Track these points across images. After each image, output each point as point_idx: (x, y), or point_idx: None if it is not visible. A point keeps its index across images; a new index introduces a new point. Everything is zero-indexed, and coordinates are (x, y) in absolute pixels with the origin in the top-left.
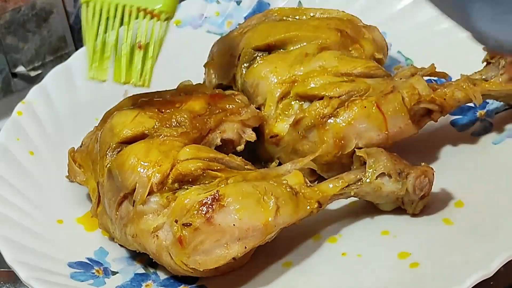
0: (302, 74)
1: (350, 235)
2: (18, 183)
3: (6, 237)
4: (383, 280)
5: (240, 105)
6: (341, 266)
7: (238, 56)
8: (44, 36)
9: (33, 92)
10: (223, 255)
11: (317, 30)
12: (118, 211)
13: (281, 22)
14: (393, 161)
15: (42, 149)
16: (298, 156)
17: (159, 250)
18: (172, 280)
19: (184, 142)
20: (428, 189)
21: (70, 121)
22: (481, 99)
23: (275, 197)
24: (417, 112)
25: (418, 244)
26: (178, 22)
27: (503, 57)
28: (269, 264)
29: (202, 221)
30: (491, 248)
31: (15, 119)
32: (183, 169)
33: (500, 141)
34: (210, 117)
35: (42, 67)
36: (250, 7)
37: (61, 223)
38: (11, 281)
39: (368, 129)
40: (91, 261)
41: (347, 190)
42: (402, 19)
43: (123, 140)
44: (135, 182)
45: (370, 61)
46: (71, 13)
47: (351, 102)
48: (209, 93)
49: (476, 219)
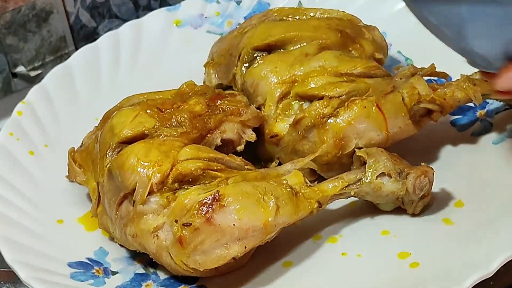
0: (302, 74)
1: (350, 235)
2: (18, 183)
3: (6, 237)
4: (383, 280)
5: (240, 106)
6: (341, 266)
7: (238, 56)
8: (44, 36)
9: (33, 92)
10: (223, 255)
11: (317, 30)
12: (118, 211)
13: (281, 22)
14: (393, 161)
15: (42, 149)
16: (298, 156)
17: (159, 250)
18: (172, 280)
19: (184, 142)
20: (428, 189)
21: (70, 121)
22: (481, 99)
23: (275, 197)
24: (417, 112)
25: (418, 244)
26: (178, 22)
27: None
28: (269, 264)
29: (202, 221)
30: (491, 248)
31: (15, 119)
32: (183, 169)
33: (500, 141)
34: (210, 117)
35: (42, 67)
36: (250, 7)
37: (61, 223)
38: (11, 281)
39: (368, 129)
40: (91, 261)
41: (347, 190)
42: (402, 19)
43: (123, 140)
44: (135, 182)
45: (370, 61)
46: (71, 13)
47: (351, 102)
48: (209, 93)
49: (476, 219)
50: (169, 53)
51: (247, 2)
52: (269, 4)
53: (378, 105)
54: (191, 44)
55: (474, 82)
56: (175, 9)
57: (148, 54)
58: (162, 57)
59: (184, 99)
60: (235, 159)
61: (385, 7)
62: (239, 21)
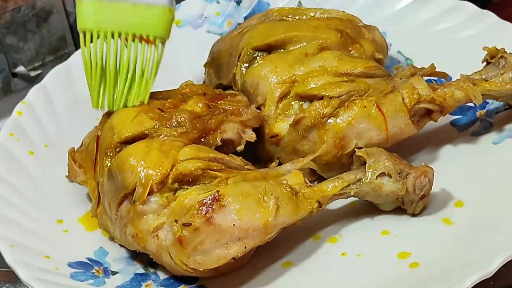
0: (302, 74)
1: (350, 235)
2: (18, 183)
3: (6, 237)
4: (383, 280)
5: (240, 105)
6: (341, 266)
7: (238, 56)
8: (44, 36)
9: (33, 92)
10: (223, 255)
11: (317, 30)
12: (118, 211)
13: (281, 22)
14: (393, 161)
15: (42, 149)
16: (298, 156)
17: (159, 250)
18: (172, 280)
19: (184, 142)
20: (428, 189)
21: (70, 121)
22: (481, 99)
23: (275, 197)
24: (417, 112)
25: (418, 244)
26: (178, 22)
27: (503, 57)
28: (269, 264)
29: (202, 221)
30: (491, 248)
31: (15, 119)
32: (183, 169)
33: (500, 141)
34: (210, 118)
35: (42, 67)
36: (250, 7)
37: (61, 223)
38: (11, 281)
39: (368, 129)
40: (91, 261)
41: (347, 190)
42: (402, 19)
43: (123, 140)
44: (135, 182)
45: (370, 61)
46: (71, 13)
47: (351, 102)
48: (209, 93)
49: (476, 219)
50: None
51: (247, 2)
52: (269, 4)
53: (378, 105)
54: (191, 44)
55: (474, 82)
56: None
57: None
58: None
59: (184, 99)
60: (235, 159)
61: (385, 7)
62: (239, 21)
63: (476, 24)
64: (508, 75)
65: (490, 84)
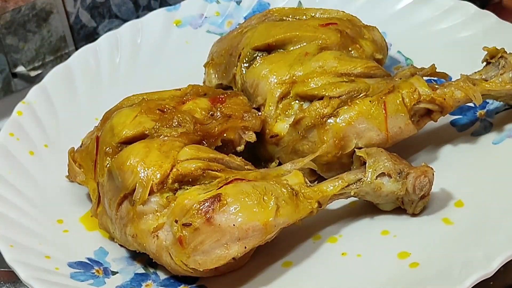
0: (302, 74)
1: (350, 235)
2: (18, 183)
3: (6, 237)
4: (383, 280)
5: (243, 110)
6: (341, 266)
7: (238, 56)
8: (44, 36)
9: (33, 92)
10: (223, 255)
11: (317, 30)
12: (118, 211)
13: (281, 22)
14: (393, 161)
15: (42, 149)
16: (298, 156)
17: (159, 250)
18: (172, 280)
19: (184, 142)
20: (428, 189)
21: (70, 121)
22: (481, 99)
23: (275, 197)
24: (417, 112)
25: (418, 244)
26: (178, 22)
27: (503, 57)
28: (269, 264)
29: (202, 221)
30: (491, 248)
31: (15, 119)
32: (183, 169)
33: (500, 141)
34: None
35: (42, 67)
36: (250, 7)
37: (61, 223)
38: (11, 281)
39: (368, 129)
40: (91, 261)
41: (347, 190)
42: (402, 19)
43: (123, 140)
44: (135, 182)
45: (370, 61)
46: (71, 13)
47: (351, 102)
48: (210, 93)
49: (476, 219)
50: (169, 53)
51: (247, 2)
52: (269, 4)
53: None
54: (191, 44)
55: (474, 82)
56: (175, 9)
57: (148, 54)
58: (162, 57)
59: (184, 100)
60: (235, 159)
61: (385, 7)
62: (239, 21)
63: (476, 24)
64: (508, 75)
65: (490, 84)
